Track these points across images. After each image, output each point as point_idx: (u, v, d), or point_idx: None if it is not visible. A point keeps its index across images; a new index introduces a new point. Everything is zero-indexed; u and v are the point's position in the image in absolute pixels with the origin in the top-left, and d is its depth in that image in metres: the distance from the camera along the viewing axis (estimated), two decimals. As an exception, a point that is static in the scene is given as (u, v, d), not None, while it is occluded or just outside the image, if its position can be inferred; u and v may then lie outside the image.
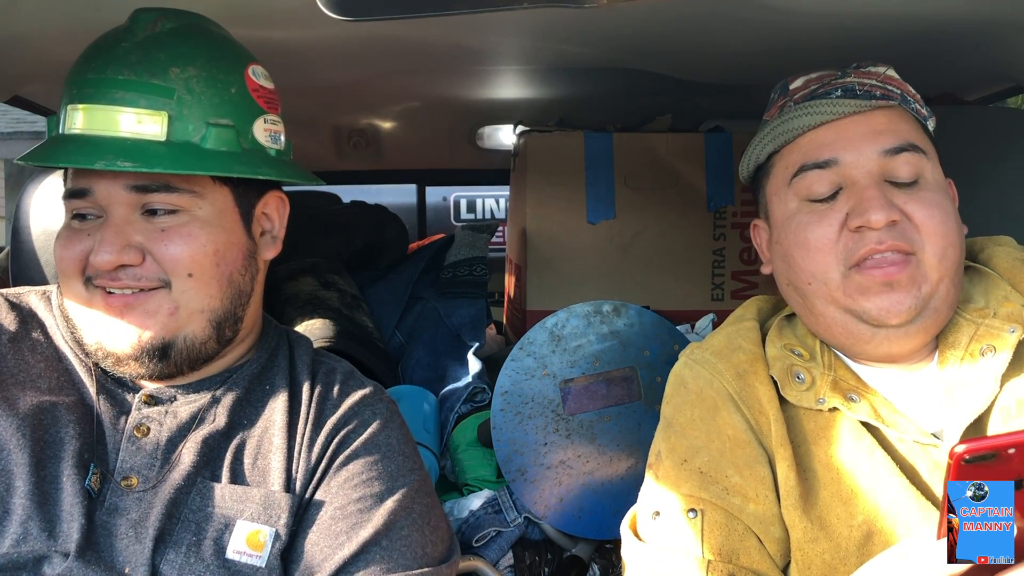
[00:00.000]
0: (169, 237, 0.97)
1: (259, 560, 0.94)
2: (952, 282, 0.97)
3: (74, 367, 1.01)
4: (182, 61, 0.97)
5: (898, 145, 0.97)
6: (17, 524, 0.89)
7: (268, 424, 1.03)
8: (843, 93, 1.01)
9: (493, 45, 1.53)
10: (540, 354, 1.51)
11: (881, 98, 1.00)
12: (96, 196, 0.96)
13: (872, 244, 0.94)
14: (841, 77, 1.03)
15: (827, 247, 0.98)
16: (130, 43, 0.98)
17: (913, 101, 1.03)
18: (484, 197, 4.56)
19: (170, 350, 0.98)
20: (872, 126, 0.99)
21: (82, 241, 0.97)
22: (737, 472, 0.99)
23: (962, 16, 1.22)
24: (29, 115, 1.92)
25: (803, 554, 0.95)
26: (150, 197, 0.96)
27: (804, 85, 1.05)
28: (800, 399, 1.00)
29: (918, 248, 0.95)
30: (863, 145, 0.98)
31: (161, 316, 0.97)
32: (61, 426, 0.95)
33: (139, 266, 0.96)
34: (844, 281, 0.97)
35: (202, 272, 0.98)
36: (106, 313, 0.97)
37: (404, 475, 1.03)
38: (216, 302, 1.00)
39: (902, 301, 0.94)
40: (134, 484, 0.95)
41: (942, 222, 0.96)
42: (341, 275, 1.97)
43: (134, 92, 0.95)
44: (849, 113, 1.00)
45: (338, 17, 0.80)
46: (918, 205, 0.96)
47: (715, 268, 1.91)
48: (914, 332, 0.97)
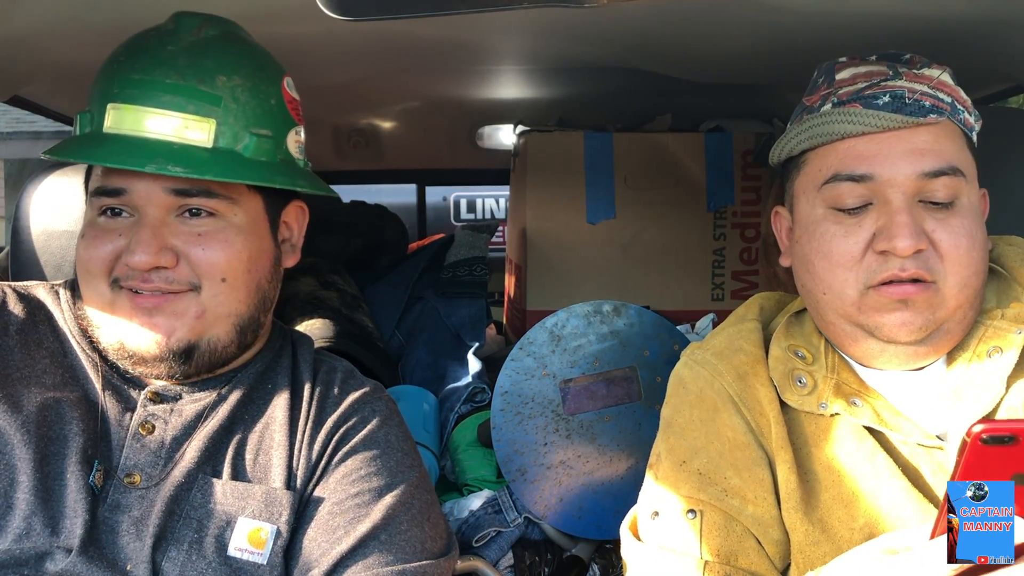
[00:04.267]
0: (206, 241, 0.98)
1: (261, 557, 0.94)
2: (971, 306, 0.96)
3: (80, 362, 1.01)
4: (228, 69, 0.98)
5: (938, 168, 0.93)
6: (20, 520, 0.89)
7: (269, 421, 1.03)
8: (891, 100, 0.96)
9: (493, 45, 1.53)
10: (540, 354, 1.51)
11: (931, 110, 0.95)
12: (132, 196, 0.96)
13: (895, 270, 0.93)
14: (892, 78, 0.98)
15: (849, 264, 0.96)
16: (176, 47, 0.98)
17: (963, 110, 0.99)
18: (484, 197, 4.56)
19: (194, 352, 0.99)
20: (914, 144, 0.94)
21: (112, 240, 0.97)
22: (736, 474, 0.98)
23: (962, 16, 1.22)
24: (29, 115, 1.93)
25: (804, 556, 0.95)
26: (189, 200, 0.97)
27: (851, 79, 1.00)
28: (801, 403, 0.99)
29: (939, 278, 0.93)
30: (902, 164, 0.94)
31: (188, 318, 0.98)
32: (66, 422, 0.95)
33: (172, 269, 0.97)
34: (860, 299, 0.95)
35: (235, 277, 0.99)
36: (132, 314, 0.97)
37: (403, 471, 1.03)
38: (243, 307, 1.01)
39: (914, 320, 0.93)
40: (137, 481, 0.95)
41: (968, 251, 0.93)
42: (341, 275, 1.97)
43: (182, 97, 0.96)
44: (893, 128, 0.95)
45: (338, 17, 0.79)
46: (947, 233, 0.93)
47: (715, 268, 1.91)
48: (924, 352, 0.96)
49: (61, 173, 1.46)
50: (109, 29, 1.21)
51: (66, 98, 1.64)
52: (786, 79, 1.12)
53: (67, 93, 1.59)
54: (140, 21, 1.18)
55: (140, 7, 1.13)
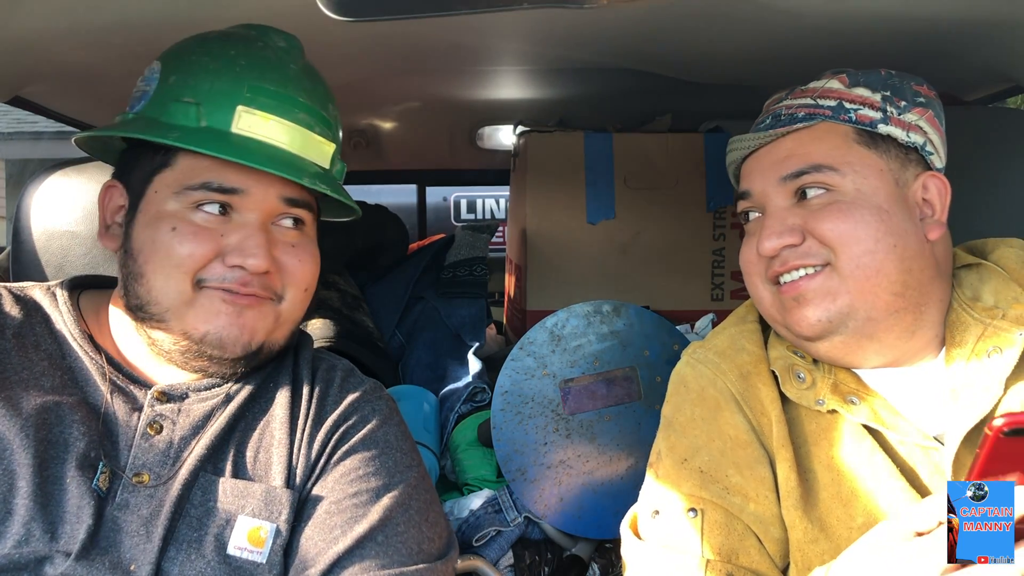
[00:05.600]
0: (299, 253, 1.02)
1: (260, 556, 0.94)
2: (888, 290, 0.96)
3: (81, 364, 1.00)
4: (331, 99, 1.06)
5: (797, 170, 1.00)
6: (19, 525, 0.89)
7: (271, 419, 1.03)
8: (770, 121, 1.05)
9: (493, 45, 1.53)
10: (540, 354, 1.51)
11: (803, 119, 1.01)
12: (248, 198, 0.98)
13: (776, 267, 1.00)
14: (783, 99, 1.06)
15: (751, 268, 1.05)
16: (296, 67, 1.03)
17: (853, 108, 1.01)
18: (484, 197, 4.56)
19: (259, 354, 1.01)
20: (778, 154, 1.02)
21: (213, 239, 0.97)
22: (738, 472, 0.99)
23: (962, 16, 1.22)
24: (29, 115, 1.93)
25: (803, 555, 0.95)
26: (294, 211, 1.02)
27: (766, 107, 1.10)
28: (800, 397, 1.00)
29: (830, 259, 0.97)
30: (768, 174, 1.02)
31: (268, 322, 1.01)
32: (65, 426, 0.94)
33: (268, 276, 0.99)
34: (772, 297, 1.03)
35: (312, 288, 1.05)
36: (221, 311, 0.97)
37: (401, 471, 1.03)
38: (301, 314, 1.06)
39: (811, 315, 0.97)
40: (146, 480, 0.95)
41: (852, 230, 0.96)
42: (341, 275, 1.97)
43: (312, 118, 1.01)
44: (757, 146, 1.05)
45: (338, 17, 0.80)
46: (821, 220, 0.97)
47: (715, 268, 1.91)
48: (853, 344, 0.98)
49: (62, 173, 1.45)
50: (109, 29, 1.21)
51: (67, 99, 1.64)
52: (786, 80, 1.12)
53: (68, 94, 1.59)
54: (140, 22, 1.18)
55: (140, 7, 1.14)
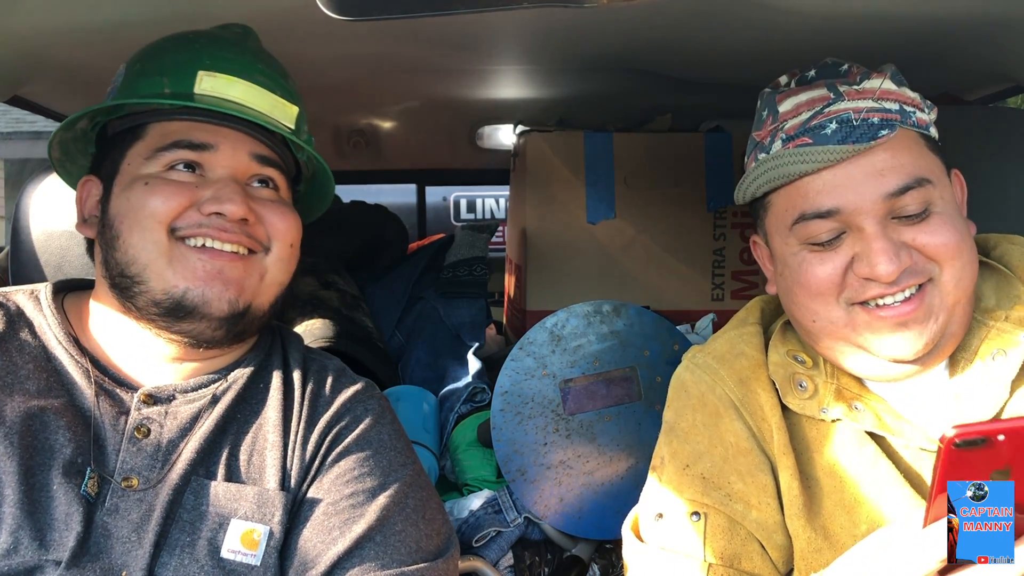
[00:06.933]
0: (274, 209, 1.03)
1: (254, 559, 0.94)
2: (968, 300, 0.95)
3: (66, 368, 0.98)
4: (288, 75, 1.09)
5: (903, 185, 0.91)
6: (7, 534, 0.87)
7: (263, 421, 1.03)
8: (838, 128, 0.93)
9: (493, 45, 1.53)
10: (540, 354, 1.51)
11: (880, 127, 0.92)
12: (218, 154, 1.00)
13: (874, 291, 0.92)
14: (834, 102, 0.94)
15: (829, 289, 0.94)
16: (255, 46, 1.08)
17: (913, 111, 0.96)
18: (484, 197, 4.56)
19: (243, 317, 1.00)
20: (873, 166, 0.92)
21: (187, 191, 0.98)
22: (740, 479, 0.98)
23: (962, 16, 1.22)
24: (29, 115, 1.93)
25: (807, 563, 0.94)
26: (265, 169, 1.03)
27: (795, 110, 0.97)
28: (803, 408, 0.99)
29: (935, 274, 0.92)
30: (865, 190, 0.91)
31: (253, 280, 1.01)
32: (51, 432, 0.93)
33: (251, 225, 1.00)
34: (849, 317, 0.94)
35: (296, 246, 1.06)
36: (199, 268, 0.97)
37: (396, 470, 1.03)
38: (286, 280, 1.06)
39: (917, 340, 0.91)
40: (135, 485, 0.94)
41: (956, 244, 0.92)
42: (341, 275, 1.97)
43: (273, 82, 1.05)
44: (847, 157, 0.92)
45: (338, 17, 0.79)
46: (930, 236, 0.91)
47: (715, 268, 1.91)
48: (931, 360, 0.95)
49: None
50: (109, 29, 1.21)
51: (66, 98, 1.64)
52: (786, 79, 1.12)
53: (67, 93, 1.59)
54: (140, 21, 1.18)
55: (140, 7, 1.14)
